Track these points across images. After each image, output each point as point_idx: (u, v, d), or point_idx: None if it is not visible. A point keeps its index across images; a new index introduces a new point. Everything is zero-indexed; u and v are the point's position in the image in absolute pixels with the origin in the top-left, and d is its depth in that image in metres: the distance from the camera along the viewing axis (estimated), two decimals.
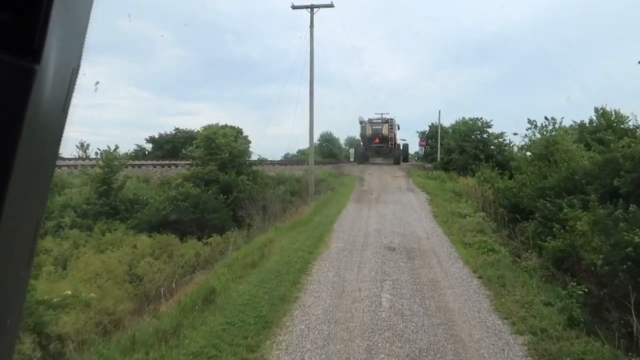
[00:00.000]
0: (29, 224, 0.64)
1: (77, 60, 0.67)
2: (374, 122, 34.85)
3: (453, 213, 14.85)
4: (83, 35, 0.66)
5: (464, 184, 21.85)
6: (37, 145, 0.59)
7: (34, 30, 0.53)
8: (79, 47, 0.67)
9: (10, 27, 0.52)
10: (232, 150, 24.78)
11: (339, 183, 24.05)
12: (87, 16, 0.65)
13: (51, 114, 0.61)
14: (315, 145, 57.72)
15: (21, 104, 0.52)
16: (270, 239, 11.58)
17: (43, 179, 0.66)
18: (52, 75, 0.58)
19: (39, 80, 0.54)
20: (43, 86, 0.56)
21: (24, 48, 0.53)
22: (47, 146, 0.64)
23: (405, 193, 19.95)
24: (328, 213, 15.11)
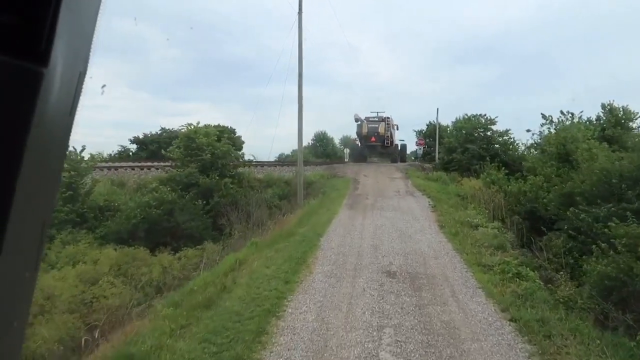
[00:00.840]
0: (36, 226, 0.64)
1: (84, 64, 0.67)
2: (370, 120, 33.77)
3: (462, 222, 12.63)
4: (90, 39, 0.66)
5: (468, 187, 19.65)
6: (44, 148, 0.59)
7: (41, 33, 0.53)
8: (86, 51, 0.67)
9: (18, 31, 0.52)
10: (215, 151, 22.47)
11: (331, 186, 21.80)
12: (94, 20, 0.66)
13: (58, 117, 0.62)
14: (308, 144, 55.56)
15: (28, 107, 0.53)
16: (241, 259, 9.31)
17: (50, 181, 0.67)
18: (60, 78, 0.58)
19: (46, 83, 0.54)
20: (50, 89, 0.56)
21: (31, 51, 0.53)
22: (53, 149, 0.64)
23: (404, 197, 17.72)
24: (316, 223, 12.85)
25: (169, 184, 21.13)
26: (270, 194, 23.39)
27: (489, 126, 26.41)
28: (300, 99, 19.64)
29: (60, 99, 0.60)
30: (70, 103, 0.64)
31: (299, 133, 19.83)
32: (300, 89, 19.52)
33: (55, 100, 0.58)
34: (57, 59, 0.55)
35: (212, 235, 18.95)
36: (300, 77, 19.38)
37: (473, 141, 26.17)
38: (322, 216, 13.91)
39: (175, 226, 18.09)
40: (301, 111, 19.75)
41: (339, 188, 20.58)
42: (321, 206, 16.00)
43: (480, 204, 16.25)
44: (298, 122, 19.80)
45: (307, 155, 48.60)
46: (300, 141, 20.03)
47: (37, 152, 0.55)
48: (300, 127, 19.76)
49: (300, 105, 19.70)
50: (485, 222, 12.92)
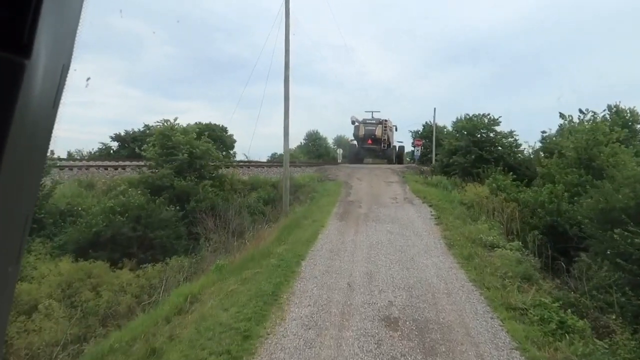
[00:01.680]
0: (18, 220, 0.63)
1: (67, 56, 0.66)
2: (367, 122, 33.25)
3: (473, 240, 10.44)
4: (74, 32, 0.65)
5: (473, 194, 17.49)
6: (27, 140, 0.58)
7: (24, 25, 0.53)
8: (70, 44, 0.66)
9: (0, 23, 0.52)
10: (193, 150, 20.17)
11: (321, 190, 19.57)
12: (78, 13, 0.65)
13: (41, 109, 0.61)
14: (300, 144, 53.31)
15: (11, 99, 0.52)
16: (195, 293, 7.08)
17: (32, 174, 0.66)
18: (42, 70, 0.57)
19: (29, 75, 0.54)
20: (33, 81, 0.55)
21: (13, 43, 0.52)
22: (36, 142, 0.63)
23: (402, 206, 15.53)
24: (299, 238, 10.61)
25: (141, 187, 18.84)
26: (255, 198, 21.12)
27: (492, 127, 24.29)
28: (287, 97, 17.38)
29: (43, 91, 0.58)
30: (53, 95, 0.63)
31: (285, 133, 17.56)
32: (287, 83, 17.25)
33: (38, 93, 0.57)
34: (39, 51, 0.54)
35: (185, 246, 16.67)
36: (286, 68, 17.11)
37: (475, 143, 24.04)
38: (307, 229, 11.67)
39: (143, 235, 15.79)
40: (287, 109, 17.49)
41: (330, 193, 18.35)
42: (308, 215, 13.76)
43: (490, 215, 14.10)
44: (284, 120, 17.53)
45: (299, 155, 46.35)
46: (286, 142, 17.75)
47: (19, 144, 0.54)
48: (286, 127, 17.47)
49: (287, 104, 17.44)
50: (501, 239, 10.75)
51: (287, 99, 17.36)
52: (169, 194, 18.80)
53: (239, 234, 16.46)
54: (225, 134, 54.99)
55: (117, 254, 15.36)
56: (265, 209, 20.16)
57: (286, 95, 17.38)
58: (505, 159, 23.01)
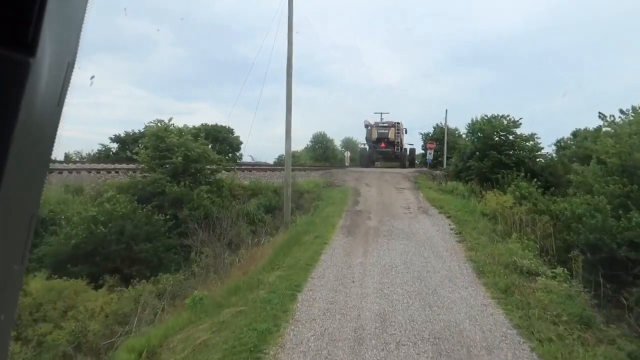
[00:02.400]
0: (24, 219, 0.63)
1: (72, 54, 0.65)
2: (380, 125, 33.15)
3: (506, 264, 8.62)
4: (78, 30, 0.65)
5: (495, 203, 15.67)
6: (32, 139, 0.58)
7: (29, 23, 0.52)
8: (74, 42, 0.65)
9: (5, 20, 0.52)
10: (188, 153, 18.53)
11: (326, 198, 17.84)
12: (83, 11, 0.65)
13: (46, 107, 0.60)
14: (307, 147, 51.63)
15: (16, 97, 0.52)
16: (153, 347, 5.39)
17: (38, 173, 0.65)
18: (47, 69, 0.57)
19: (34, 73, 0.53)
20: (38, 80, 0.55)
21: (18, 41, 0.52)
22: (42, 140, 0.63)
23: (417, 217, 13.74)
24: (297, 261, 8.87)
25: (130, 193, 17.23)
26: (255, 205, 19.43)
27: (512, 129, 22.40)
28: (289, 94, 15.70)
29: (48, 89, 0.58)
30: (58, 93, 0.62)
31: (287, 132, 15.87)
32: (290, 77, 15.57)
33: (43, 91, 0.57)
34: (44, 49, 0.54)
35: (175, 260, 15.02)
36: (289, 63, 15.42)
37: (493, 146, 22.18)
38: (308, 248, 9.93)
39: (127, 248, 14.17)
40: (290, 106, 15.81)
41: (336, 202, 16.61)
42: (310, 229, 12.02)
43: (518, 230, 12.27)
44: (286, 117, 15.83)
45: (305, 157, 44.70)
46: (288, 144, 16.03)
47: (25, 142, 0.54)
48: (288, 125, 15.77)
49: (289, 102, 15.76)
50: (539, 263, 8.93)
51: (289, 97, 15.68)
52: (161, 200, 17.17)
53: (235, 247, 14.81)
54: (231, 135, 53.61)
55: (98, 269, 13.77)
56: (266, 218, 18.51)
57: (288, 92, 15.70)
58: (526, 164, 21.14)
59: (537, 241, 11.16)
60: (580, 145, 19.00)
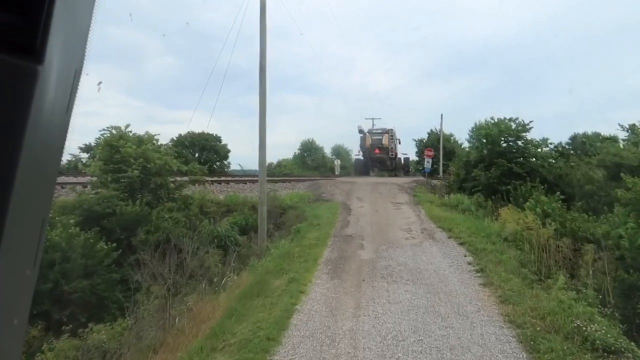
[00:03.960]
0: (35, 223, 0.63)
1: (79, 62, 0.65)
2: (373, 132, 32.71)
3: (567, 334, 5.73)
4: (85, 38, 0.65)
5: (515, 222, 12.85)
6: (41, 144, 0.58)
7: (36, 31, 0.53)
8: (82, 49, 0.65)
9: (13, 29, 0.52)
10: (147, 165, 15.55)
11: (311, 217, 14.90)
12: (89, 19, 0.65)
13: (54, 114, 0.60)
14: (295, 155, 48.66)
15: (24, 104, 0.52)
16: None
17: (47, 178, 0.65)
18: (55, 76, 0.57)
19: (42, 81, 0.53)
20: (46, 87, 0.55)
21: (26, 49, 0.52)
22: (51, 146, 0.63)
23: (422, 245, 10.85)
24: (255, 332, 5.86)
25: (76, 214, 14.18)
26: (228, 224, 16.44)
27: (521, 133, 19.64)
28: (263, 101, 12.82)
29: (56, 96, 0.58)
30: (66, 100, 0.62)
31: (261, 147, 12.96)
32: (264, 72, 12.69)
33: (52, 98, 0.57)
34: (52, 57, 0.54)
35: (119, 301, 12.00)
36: (262, 54, 12.56)
37: (501, 153, 19.43)
38: (276, 303, 6.96)
39: (56, 287, 11.13)
40: (263, 117, 12.92)
41: (321, 222, 13.67)
42: (284, 266, 9.06)
43: (556, 263, 9.45)
44: (259, 132, 12.94)
45: (292, 166, 41.75)
46: (262, 157, 13.10)
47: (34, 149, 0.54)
48: (262, 138, 12.87)
49: (263, 108, 12.87)
50: (614, 330, 6.07)
51: (263, 101, 12.79)
52: (112, 223, 14.18)
53: (198, 279, 11.84)
54: (219, 143, 50.71)
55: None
56: (241, 240, 15.54)
57: (262, 96, 12.82)
58: (541, 173, 18.39)
59: (588, 281, 8.30)
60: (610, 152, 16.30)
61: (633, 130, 22.91)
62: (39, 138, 0.56)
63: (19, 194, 0.53)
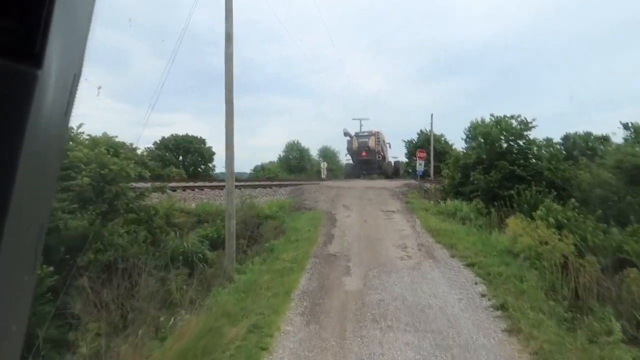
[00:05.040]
0: (33, 229, 0.62)
1: (78, 66, 0.65)
2: (360, 135, 32.41)
3: None
4: (84, 42, 0.64)
5: (524, 233, 10.96)
6: (40, 149, 0.58)
7: (35, 35, 0.52)
8: (81, 53, 0.65)
9: (12, 33, 0.51)
10: (102, 171, 13.35)
11: (290, 230, 12.85)
12: (88, 23, 0.64)
13: (53, 118, 0.60)
14: (279, 157, 46.53)
15: (23, 109, 0.52)
16: None
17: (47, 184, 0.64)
18: (54, 80, 0.56)
19: (41, 85, 0.53)
20: (45, 91, 0.54)
21: (25, 53, 0.52)
22: (50, 151, 0.62)
23: (421, 268, 8.83)
24: None
25: None
26: (196, 238, 14.31)
27: (524, 132, 17.81)
28: (230, 77, 10.76)
29: (55, 100, 0.58)
30: (65, 104, 0.62)
31: (227, 149, 10.91)
32: (230, 43, 10.64)
33: (51, 102, 0.56)
34: (51, 61, 0.53)
35: (55, 339, 9.86)
36: (228, 17, 10.51)
37: (503, 154, 17.60)
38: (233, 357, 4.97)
39: None
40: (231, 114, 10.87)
41: (300, 237, 11.62)
42: (245, 306, 6.95)
43: (585, 290, 7.54)
44: (226, 131, 10.88)
45: (276, 170, 39.64)
46: (229, 161, 11.04)
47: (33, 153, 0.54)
48: (229, 138, 10.82)
49: (230, 92, 10.82)
50: None
51: (229, 78, 10.73)
52: (54, 240, 11.98)
53: (155, 308, 9.70)
54: (203, 145, 48.51)
55: None
56: (210, 257, 13.43)
57: (228, 86, 10.75)
58: (546, 176, 16.58)
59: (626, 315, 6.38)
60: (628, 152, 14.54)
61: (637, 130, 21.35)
62: (39, 143, 0.55)
63: (18, 199, 0.51)
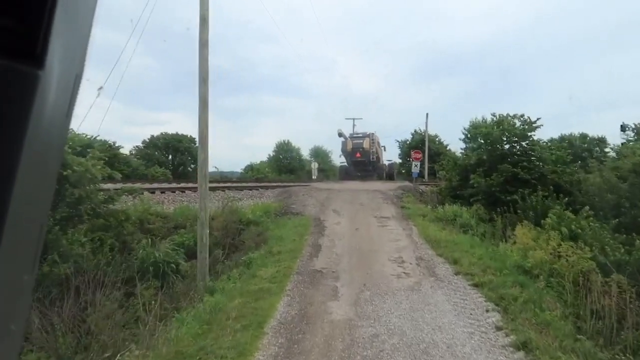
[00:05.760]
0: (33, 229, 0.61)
1: (80, 66, 0.65)
2: (354, 136, 32.27)
3: None
4: (86, 42, 0.64)
5: (540, 247, 9.70)
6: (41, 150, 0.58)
7: (37, 36, 0.52)
8: (82, 54, 0.65)
9: (13, 33, 0.51)
10: (65, 172, 11.91)
11: (273, 239, 11.50)
12: (90, 23, 0.64)
13: (55, 119, 0.60)
14: (269, 157, 45.08)
15: (25, 110, 0.51)
16: None
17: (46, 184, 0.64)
18: (56, 81, 0.56)
19: (42, 86, 0.53)
20: (46, 92, 0.54)
21: (27, 54, 0.51)
22: (50, 151, 0.62)
23: (421, 289, 7.48)
24: None
25: None
26: (170, 246, 12.88)
27: (528, 133, 16.58)
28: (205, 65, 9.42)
29: (56, 101, 0.57)
30: (66, 105, 0.62)
31: (201, 146, 9.58)
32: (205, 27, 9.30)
33: (52, 103, 0.56)
34: (53, 61, 0.53)
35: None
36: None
37: (505, 156, 16.38)
38: None
39: None
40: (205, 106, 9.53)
41: (283, 249, 10.25)
42: (205, 344, 5.58)
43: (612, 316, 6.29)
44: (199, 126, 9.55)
45: (265, 170, 38.22)
46: (204, 154, 9.70)
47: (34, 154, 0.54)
48: (202, 133, 9.48)
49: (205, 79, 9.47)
50: None
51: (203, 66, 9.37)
52: None
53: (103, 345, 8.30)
54: (193, 145, 47.01)
55: None
56: (184, 268, 12.03)
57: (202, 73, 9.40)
58: (552, 180, 15.37)
59: None
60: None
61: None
62: (39, 143, 0.55)
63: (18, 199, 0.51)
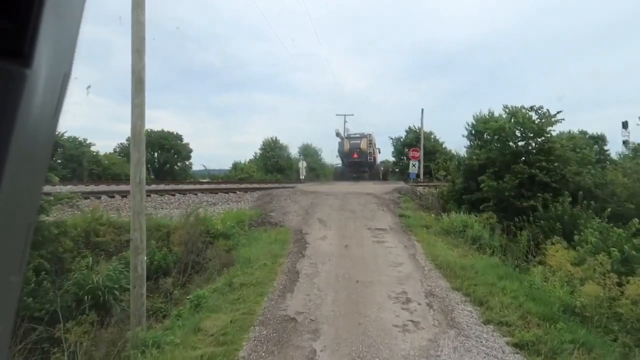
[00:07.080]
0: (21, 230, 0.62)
1: (68, 65, 0.64)
2: (351, 137, 32.32)
3: None
4: (74, 41, 0.64)
5: (591, 277, 7.31)
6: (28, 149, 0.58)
7: (25, 35, 0.52)
8: (70, 53, 0.64)
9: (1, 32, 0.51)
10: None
11: (240, 262, 8.97)
12: (78, 22, 0.64)
13: (42, 118, 0.59)
14: (255, 155, 42.54)
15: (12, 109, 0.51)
16: None
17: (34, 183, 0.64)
18: (44, 79, 0.56)
19: (30, 84, 0.53)
20: (34, 91, 0.54)
21: (14, 53, 0.51)
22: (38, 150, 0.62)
23: (442, 355, 5.11)
24: None
25: None
26: (117, 266, 10.32)
27: (546, 128, 14.16)
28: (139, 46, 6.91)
29: (44, 100, 0.57)
30: (54, 104, 0.62)
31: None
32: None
33: (40, 102, 0.56)
34: (40, 60, 0.53)
35: None
36: None
37: (518, 155, 14.00)
38: None
39: None
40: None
41: (249, 280, 7.67)
42: None
43: None
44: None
45: (251, 169, 35.75)
46: (138, 152, 7.19)
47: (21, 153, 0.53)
48: (137, 106, 6.97)
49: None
50: None
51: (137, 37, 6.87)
52: None
53: None
54: (180, 142, 44.56)
55: None
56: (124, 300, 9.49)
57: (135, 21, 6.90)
58: (577, 182, 13.01)
59: None
60: None
61: None
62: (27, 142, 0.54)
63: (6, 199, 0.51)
